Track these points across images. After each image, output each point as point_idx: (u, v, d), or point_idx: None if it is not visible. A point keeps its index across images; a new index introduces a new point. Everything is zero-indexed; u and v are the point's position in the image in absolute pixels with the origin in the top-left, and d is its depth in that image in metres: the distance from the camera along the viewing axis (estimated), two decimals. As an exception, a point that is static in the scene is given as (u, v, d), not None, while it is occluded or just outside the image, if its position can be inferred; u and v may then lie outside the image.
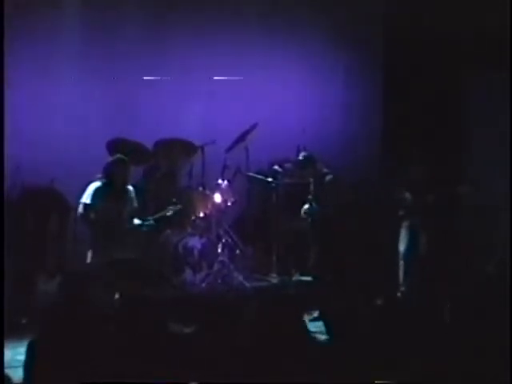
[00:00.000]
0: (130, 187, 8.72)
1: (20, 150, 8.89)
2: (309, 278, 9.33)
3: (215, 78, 10.34)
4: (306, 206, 9.36)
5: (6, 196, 8.58)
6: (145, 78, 10.09)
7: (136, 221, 8.65)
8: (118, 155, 8.65)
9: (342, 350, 4.83)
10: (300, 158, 9.41)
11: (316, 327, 5.66)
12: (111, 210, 8.50)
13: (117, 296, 7.71)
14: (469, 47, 10.20)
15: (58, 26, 9.75)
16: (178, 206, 9.12)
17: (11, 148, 8.33)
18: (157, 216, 8.88)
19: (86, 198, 8.49)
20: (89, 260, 8.43)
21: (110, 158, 8.70)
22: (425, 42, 10.26)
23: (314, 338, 5.24)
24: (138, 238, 8.74)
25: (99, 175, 8.59)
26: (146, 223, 8.72)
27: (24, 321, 8.20)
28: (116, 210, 8.54)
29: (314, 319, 6.52)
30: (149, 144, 9.66)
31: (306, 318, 6.02)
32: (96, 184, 8.54)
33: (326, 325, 5.36)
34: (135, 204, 8.71)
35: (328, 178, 9.35)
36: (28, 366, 4.78)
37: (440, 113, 10.53)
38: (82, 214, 8.52)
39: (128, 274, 8.10)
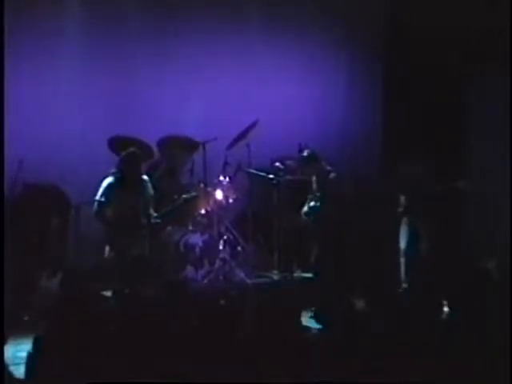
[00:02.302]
0: (145, 177, 8.69)
1: (22, 148, 8.88)
2: (310, 275, 9.34)
3: (216, 75, 10.34)
4: (308, 203, 9.38)
5: (8, 194, 8.59)
6: (146, 76, 10.09)
7: (152, 211, 8.61)
8: (131, 149, 8.62)
9: (341, 347, 4.84)
10: (304, 154, 9.42)
11: (316, 324, 5.67)
12: (126, 205, 8.44)
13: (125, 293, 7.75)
14: (468, 45, 10.19)
15: (59, 26, 9.75)
16: (193, 193, 9.17)
17: (13, 146, 8.35)
18: (171, 207, 8.91)
19: (100, 196, 8.44)
20: (105, 257, 8.41)
21: (122, 153, 8.66)
22: (425, 41, 10.26)
23: (314, 334, 5.26)
24: (150, 232, 8.73)
25: (113, 170, 8.56)
26: (167, 210, 8.75)
27: (26, 318, 8.22)
28: (131, 204, 8.48)
29: (315, 316, 6.51)
30: (150, 141, 9.66)
31: (307, 314, 6.03)
32: (109, 180, 8.50)
33: (326, 322, 5.37)
34: (151, 192, 8.66)
35: (331, 175, 9.36)
36: (31, 362, 4.79)
37: (440, 110, 10.54)
38: (96, 212, 8.46)
39: (142, 272, 8.13)
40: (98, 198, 8.43)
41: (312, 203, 9.36)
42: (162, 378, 4.61)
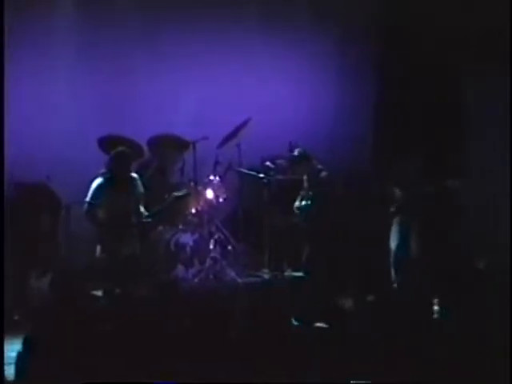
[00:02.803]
0: (135, 175, 8.72)
1: (13, 147, 8.85)
2: (301, 274, 9.34)
3: (208, 74, 10.34)
4: (299, 202, 9.39)
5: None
6: (138, 75, 10.08)
7: (143, 209, 8.64)
8: (120, 148, 8.64)
9: (333, 346, 4.85)
10: (295, 153, 9.43)
11: (307, 323, 5.67)
12: (117, 205, 8.45)
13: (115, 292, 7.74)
14: (468, 45, 10.15)
15: (52, 25, 9.74)
16: (185, 190, 9.17)
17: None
18: (162, 206, 8.93)
19: (90, 198, 8.45)
20: (96, 257, 8.42)
21: (111, 152, 8.68)
22: (423, 41, 10.24)
23: (306, 333, 5.26)
24: (141, 232, 8.75)
25: (103, 171, 8.58)
26: (158, 208, 8.78)
27: (16, 317, 8.20)
28: (122, 204, 8.49)
29: (306, 315, 6.52)
30: (141, 140, 9.65)
31: (298, 313, 6.02)
32: (98, 180, 8.51)
33: (317, 320, 5.37)
34: (142, 190, 8.69)
35: (322, 174, 9.36)
36: (22, 362, 4.78)
37: (433, 110, 10.52)
38: (87, 214, 8.47)
39: (133, 271, 8.13)
40: (88, 199, 8.45)
41: (303, 202, 9.37)
42: (154, 377, 4.61)
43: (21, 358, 4.82)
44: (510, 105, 9.89)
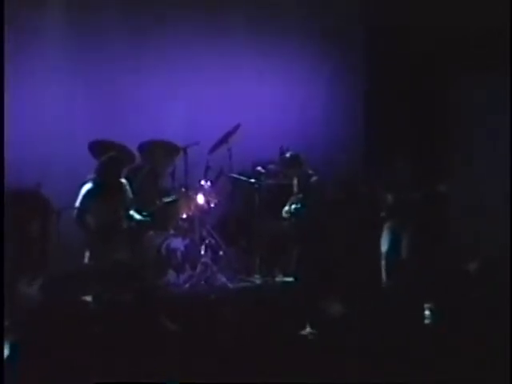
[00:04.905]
0: (124, 180, 8.74)
1: (5, 151, 8.84)
2: (292, 279, 9.34)
3: (199, 79, 10.35)
4: (289, 207, 9.40)
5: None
6: (129, 79, 10.08)
7: (132, 213, 8.67)
8: (109, 154, 8.66)
9: (325, 350, 4.86)
10: (286, 156, 9.46)
11: (299, 327, 5.68)
12: (106, 210, 8.47)
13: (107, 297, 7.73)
14: (468, 45, 10.15)
15: (44, 28, 9.74)
16: (173, 197, 9.17)
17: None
18: (152, 209, 8.94)
19: (80, 203, 8.46)
20: (87, 262, 8.43)
21: (102, 157, 8.70)
22: (415, 42, 10.26)
23: (298, 337, 5.27)
24: (132, 237, 8.77)
25: (92, 175, 8.58)
26: (145, 213, 8.79)
27: (6, 323, 8.17)
28: (111, 209, 8.51)
29: (298, 319, 6.52)
30: (132, 145, 9.65)
31: (290, 318, 6.03)
32: (88, 186, 8.52)
33: (308, 325, 5.38)
34: (130, 195, 8.72)
35: (313, 179, 9.38)
36: (11, 367, 4.77)
37: (424, 113, 10.54)
38: (77, 220, 8.49)
39: (123, 276, 8.12)
40: (77, 205, 8.45)
41: (293, 206, 9.39)
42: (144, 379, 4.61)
43: (9, 364, 4.81)
44: (510, 105, 9.88)
